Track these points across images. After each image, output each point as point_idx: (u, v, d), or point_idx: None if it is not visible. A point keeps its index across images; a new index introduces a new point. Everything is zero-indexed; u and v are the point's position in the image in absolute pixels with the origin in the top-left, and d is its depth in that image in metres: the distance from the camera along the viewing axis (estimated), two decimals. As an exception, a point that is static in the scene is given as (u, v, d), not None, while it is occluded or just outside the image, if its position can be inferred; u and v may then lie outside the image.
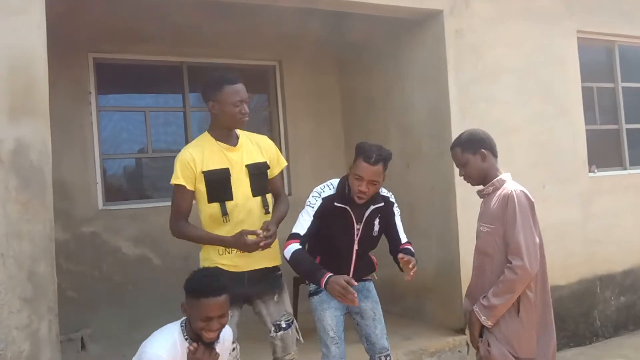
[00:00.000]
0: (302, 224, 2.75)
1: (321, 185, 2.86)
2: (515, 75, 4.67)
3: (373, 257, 3.03)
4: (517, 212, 2.48)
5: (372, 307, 2.92)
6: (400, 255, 2.69)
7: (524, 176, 4.59)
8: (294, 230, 2.75)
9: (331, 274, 2.58)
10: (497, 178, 2.63)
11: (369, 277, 3.01)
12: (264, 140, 2.90)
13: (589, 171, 5.09)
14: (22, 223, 2.69)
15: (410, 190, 4.66)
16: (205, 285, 2.21)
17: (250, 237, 2.58)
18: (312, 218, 2.75)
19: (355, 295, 2.50)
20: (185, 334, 2.26)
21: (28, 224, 2.71)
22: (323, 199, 2.79)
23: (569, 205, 4.88)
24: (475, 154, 2.64)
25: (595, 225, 5.00)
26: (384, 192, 2.92)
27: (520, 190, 2.56)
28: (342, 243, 2.80)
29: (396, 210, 2.95)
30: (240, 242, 2.58)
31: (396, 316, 4.71)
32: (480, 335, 2.58)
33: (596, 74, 5.44)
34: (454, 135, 4.27)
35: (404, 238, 2.95)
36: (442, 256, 4.46)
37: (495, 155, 2.69)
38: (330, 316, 2.82)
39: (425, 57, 4.60)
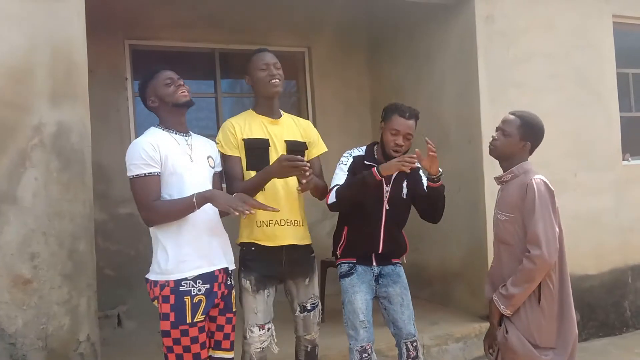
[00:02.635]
0: (339, 178, 2.86)
1: (350, 149, 2.99)
2: (547, 61, 4.58)
3: (406, 238, 3.04)
4: (537, 200, 2.44)
5: (400, 293, 2.93)
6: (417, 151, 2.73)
7: (555, 164, 4.58)
8: (333, 184, 2.85)
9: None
10: (518, 166, 2.58)
11: (399, 261, 3.03)
12: (307, 124, 2.97)
13: (623, 159, 4.98)
14: (63, 203, 2.81)
15: (439, 177, 4.66)
16: (158, 65, 2.51)
17: (289, 159, 2.49)
18: (346, 173, 2.86)
19: (414, 155, 2.65)
20: (161, 128, 2.45)
21: (69, 203, 2.83)
22: (354, 157, 2.93)
23: (602, 194, 4.79)
24: (522, 139, 2.58)
25: (628, 214, 4.90)
26: None
27: (540, 179, 2.51)
28: (371, 205, 2.84)
29: (423, 174, 2.99)
30: (280, 165, 2.50)
31: (423, 301, 4.74)
32: (500, 324, 2.57)
33: (632, 59, 5.29)
34: (483, 121, 4.28)
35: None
36: (470, 242, 4.46)
37: (532, 152, 2.65)
38: (361, 299, 2.84)
39: (455, 43, 4.56)
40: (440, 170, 2.79)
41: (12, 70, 2.76)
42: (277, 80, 2.73)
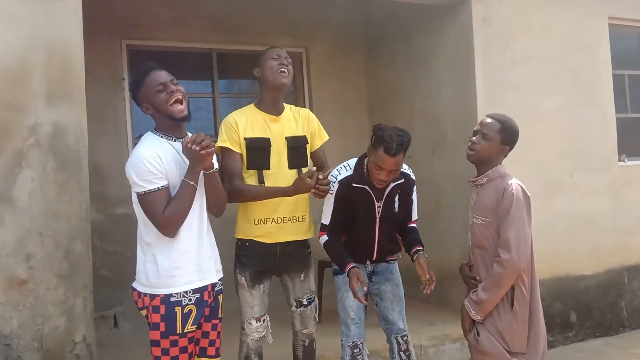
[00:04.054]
0: (326, 213, 2.84)
1: (337, 168, 2.85)
2: (544, 62, 4.60)
3: (399, 238, 3.02)
4: (513, 205, 2.43)
5: (391, 290, 2.95)
6: (419, 263, 2.76)
7: (551, 165, 4.60)
8: (322, 221, 2.86)
9: (354, 265, 2.72)
10: (493, 169, 2.55)
11: (394, 258, 3.03)
12: (307, 113, 2.97)
13: (619, 160, 5.00)
14: (60, 203, 2.80)
15: (435, 177, 4.67)
16: (146, 65, 2.34)
17: (307, 176, 2.61)
18: (332, 205, 2.82)
19: (363, 298, 2.71)
20: (159, 134, 2.35)
21: (65, 204, 2.82)
22: (339, 182, 2.80)
23: (598, 195, 4.81)
24: (503, 143, 2.56)
25: (624, 215, 4.92)
26: (404, 168, 2.87)
27: (517, 184, 2.50)
28: (363, 222, 2.83)
29: (414, 188, 2.96)
30: (298, 185, 2.62)
31: (420, 302, 4.73)
32: (471, 329, 2.56)
33: (628, 61, 5.32)
34: (480, 122, 4.29)
35: (414, 215, 2.98)
36: (466, 243, 4.45)
37: (506, 155, 2.63)
38: (351, 297, 2.84)
39: (452, 44, 4.57)
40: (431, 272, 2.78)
41: (8, 70, 2.75)
42: (286, 72, 2.76)
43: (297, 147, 2.83)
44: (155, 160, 2.23)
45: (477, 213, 2.57)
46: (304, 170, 2.84)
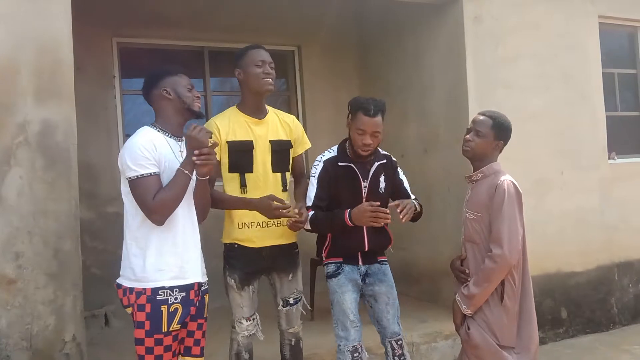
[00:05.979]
0: (309, 195, 2.83)
1: (321, 153, 2.91)
2: (534, 61, 4.62)
3: (389, 230, 2.98)
4: (505, 201, 2.48)
5: (386, 292, 2.90)
6: (389, 204, 2.75)
7: (542, 163, 4.63)
8: (307, 199, 2.84)
9: (350, 209, 2.70)
10: (487, 166, 2.61)
11: (385, 258, 3.00)
12: (292, 120, 2.96)
13: (609, 158, 5.04)
14: (48, 202, 2.79)
15: (428, 175, 4.68)
16: (179, 67, 2.52)
17: (276, 204, 2.60)
18: (316, 185, 2.82)
19: (387, 211, 2.62)
20: (156, 129, 2.39)
21: (54, 202, 2.81)
22: (324, 162, 2.85)
23: (588, 192, 4.84)
24: (496, 139, 2.62)
25: (614, 212, 4.95)
26: (383, 152, 2.96)
27: (510, 180, 2.55)
28: (350, 202, 2.77)
29: (399, 169, 2.99)
30: (264, 205, 2.61)
31: (412, 299, 4.75)
32: (462, 324, 2.59)
33: (617, 59, 5.35)
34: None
35: (411, 196, 2.99)
36: (458, 240, 4.46)
37: (501, 151, 2.68)
38: (349, 299, 2.81)
39: (443, 43, 4.58)
40: (403, 203, 2.75)
41: (-4, 67, 2.73)
42: (271, 79, 2.74)
43: (281, 150, 2.82)
44: (150, 147, 2.27)
45: (471, 208, 2.63)
46: (287, 174, 2.87)
